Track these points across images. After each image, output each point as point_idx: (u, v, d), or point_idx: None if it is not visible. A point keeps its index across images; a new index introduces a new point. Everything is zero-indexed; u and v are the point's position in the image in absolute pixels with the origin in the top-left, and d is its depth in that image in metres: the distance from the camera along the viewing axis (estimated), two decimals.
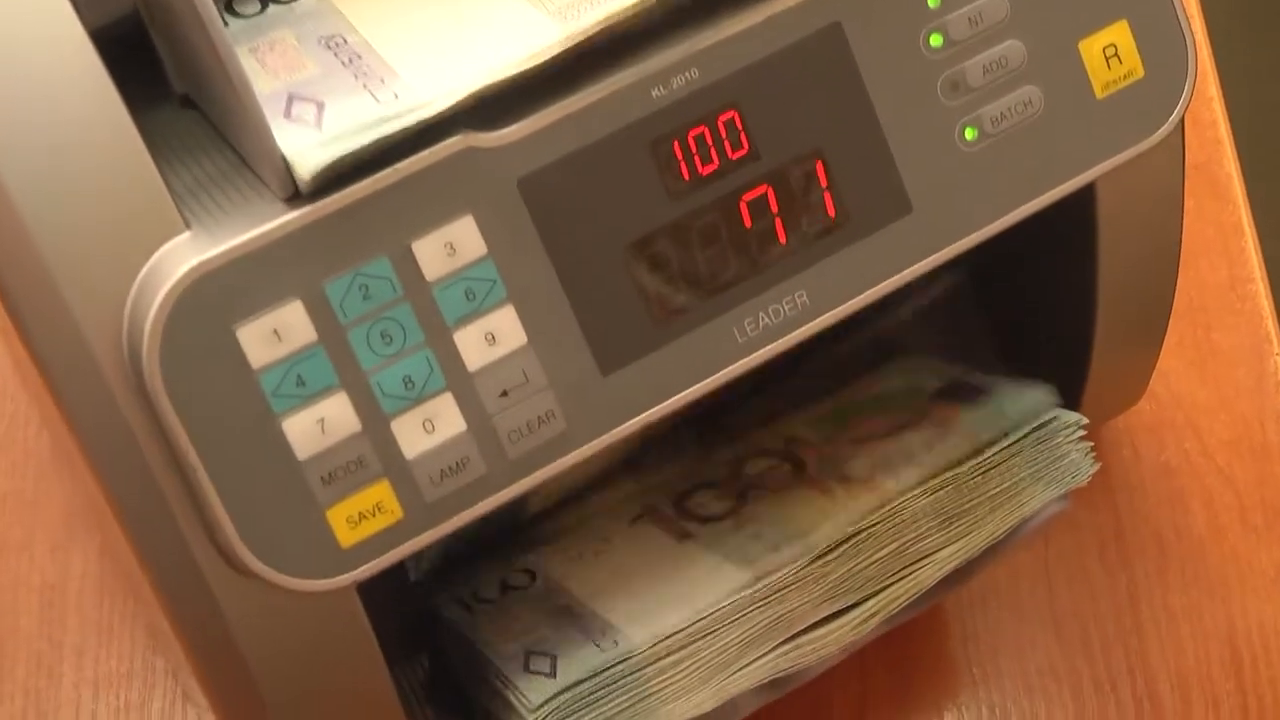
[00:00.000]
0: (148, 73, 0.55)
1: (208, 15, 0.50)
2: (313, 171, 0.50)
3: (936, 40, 0.58)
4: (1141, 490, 0.77)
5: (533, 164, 0.53)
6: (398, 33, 0.55)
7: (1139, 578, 0.75)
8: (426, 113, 0.51)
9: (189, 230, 0.51)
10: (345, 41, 0.55)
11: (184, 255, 0.50)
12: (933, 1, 0.57)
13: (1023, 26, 0.58)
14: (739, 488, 0.67)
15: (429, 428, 0.53)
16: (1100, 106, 0.60)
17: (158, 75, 0.56)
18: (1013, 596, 0.75)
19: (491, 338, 0.54)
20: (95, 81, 0.51)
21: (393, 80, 0.53)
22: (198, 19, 0.50)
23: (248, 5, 0.57)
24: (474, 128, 0.53)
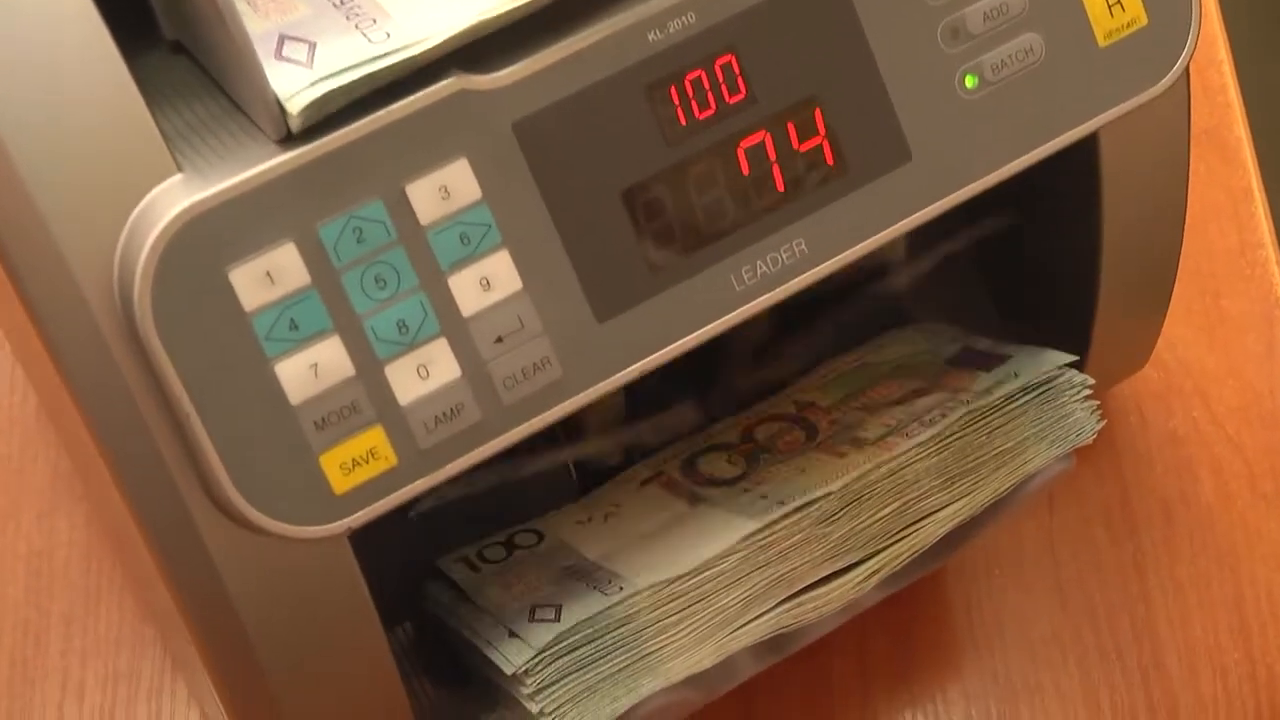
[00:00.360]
0: (137, 19, 0.54)
1: None
2: (300, 107, 0.50)
3: None
4: (1148, 458, 0.76)
5: (528, 107, 0.53)
6: None
7: (1145, 546, 0.75)
8: (418, 49, 0.51)
9: (181, 172, 0.51)
10: None
11: (176, 197, 0.50)
12: None
13: None
14: (750, 452, 0.66)
15: (423, 373, 0.53)
16: (1103, 55, 0.59)
17: (147, 21, 0.55)
18: (1016, 565, 0.74)
19: (486, 283, 0.53)
20: (88, 24, 0.50)
21: (385, 20, 0.52)
22: None
23: None
24: (469, 70, 0.52)
